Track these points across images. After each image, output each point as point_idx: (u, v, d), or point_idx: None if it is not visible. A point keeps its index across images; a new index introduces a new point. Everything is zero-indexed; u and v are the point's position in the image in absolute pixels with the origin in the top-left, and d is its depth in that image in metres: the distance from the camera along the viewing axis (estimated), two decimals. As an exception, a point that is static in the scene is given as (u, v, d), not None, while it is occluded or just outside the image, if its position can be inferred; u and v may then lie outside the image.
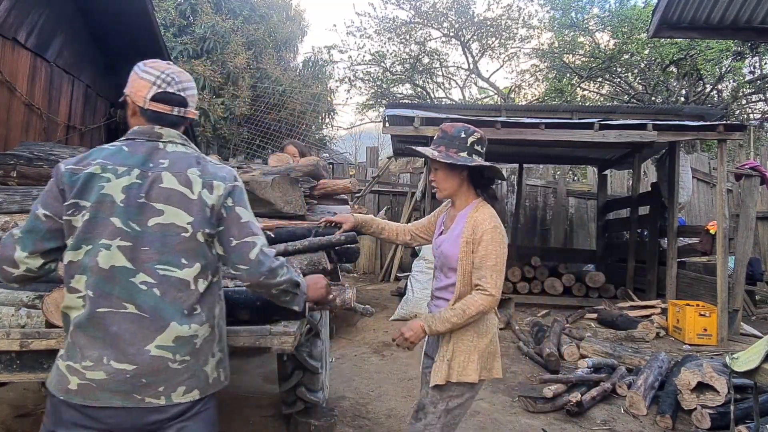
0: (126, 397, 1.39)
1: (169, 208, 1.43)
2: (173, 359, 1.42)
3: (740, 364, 2.45)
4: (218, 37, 10.31)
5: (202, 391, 1.47)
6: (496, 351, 2.08)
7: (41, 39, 5.00)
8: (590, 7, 14.02)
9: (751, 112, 13.36)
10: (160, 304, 1.42)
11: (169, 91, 1.52)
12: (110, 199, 1.41)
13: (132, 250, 1.41)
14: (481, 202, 2.09)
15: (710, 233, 6.25)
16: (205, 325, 1.48)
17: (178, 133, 1.56)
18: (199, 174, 1.48)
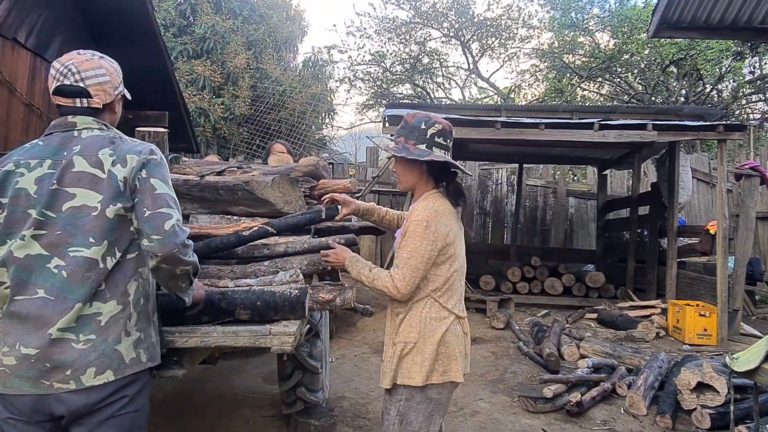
0: (35, 383, 1.39)
1: (80, 190, 1.45)
2: (76, 339, 1.41)
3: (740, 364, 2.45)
4: (218, 37, 10.31)
5: (117, 372, 1.44)
6: (451, 353, 1.89)
7: (41, 39, 5.01)
8: (590, 7, 14.03)
9: (751, 112, 13.36)
10: (66, 285, 1.42)
11: (65, 84, 1.53)
12: (25, 192, 1.44)
13: (47, 236, 1.43)
14: (432, 194, 1.98)
15: (710, 233, 6.25)
16: (111, 302, 1.46)
17: (94, 119, 1.56)
18: (110, 153, 1.48)
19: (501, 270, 8.07)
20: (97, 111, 1.57)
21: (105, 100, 1.57)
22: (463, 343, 1.97)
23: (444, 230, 1.89)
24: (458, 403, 3.88)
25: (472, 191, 10.29)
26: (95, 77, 1.55)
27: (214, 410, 3.55)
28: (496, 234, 10.22)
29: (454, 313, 1.94)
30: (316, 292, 2.17)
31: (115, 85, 1.61)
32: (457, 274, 1.96)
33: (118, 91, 1.63)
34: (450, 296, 1.94)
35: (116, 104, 1.65)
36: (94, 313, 1.44)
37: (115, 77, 1.61)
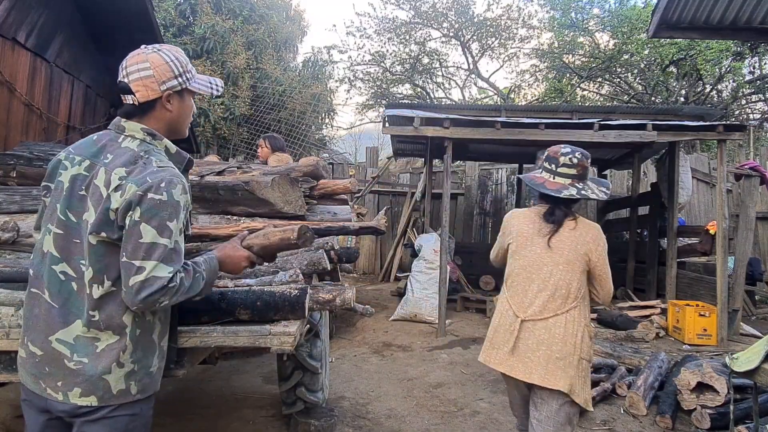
0: (34, 381, 1.42)
1: (90, 205, 1.40)
2: (69, 357, 1.38)
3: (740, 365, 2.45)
4: (218, 37, 10.31)
5: (101, 400, 1.39)
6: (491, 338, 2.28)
7: (41, 39, 5.00)
8: (590, 7, 14.02)
9: (751, 112, 13.36)
10: (72, 298, 1.40)
11: (119, 80, 1.48)
12: (61, 186, 1.44)
13: (63, 239, 1.41)
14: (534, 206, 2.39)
15: (710, 233, 6.25)
16: (107, 332, 1.39)
17: (142, 128, 1.47)
18: (123, 174, 1.38)
19: (501, 270, 8.05)
20: (139, 108, 1.47)
21: (147, 97, 1.45)
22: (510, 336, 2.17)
23: (510, 226, 2.34)
24: (458, 403, 3.88)
25: (472, 191, 10.29)
26: (137, 71, 1.45)
27: (214, 410, 3.55)
28: (496, 234, 10.21)
29: (511, 305, 2.23)
30: (316, 292, 2.17)
31: (161, 79, 1.46)
32: (517, 274, 2.26)
33: (167, 86, 1.47)
34: (512, 291, 2.26)
35: (168, 101, 1.49)
36: (92, 338, 1.39)
37: (164, 71, 1.46)
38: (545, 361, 2.08)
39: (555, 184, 2.21)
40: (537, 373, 2.08)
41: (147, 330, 1.46)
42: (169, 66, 1.48)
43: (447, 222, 6.01)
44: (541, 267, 2.19)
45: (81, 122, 5.80)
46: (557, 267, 2.17)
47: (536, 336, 2.11)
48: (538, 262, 2.20)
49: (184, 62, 1.53)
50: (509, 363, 2.14)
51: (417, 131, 5.87)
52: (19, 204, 2.58)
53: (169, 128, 1.55)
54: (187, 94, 1.56)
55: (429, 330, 5.91)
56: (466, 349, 5.25)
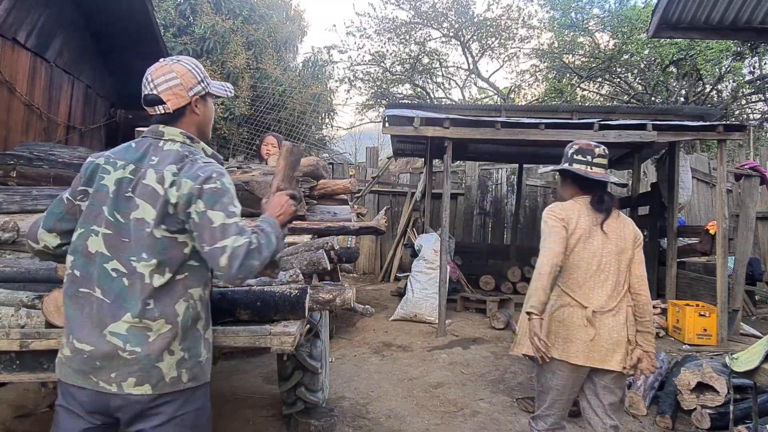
0: (84, 378, 1.45)
1: (143, 203, 1.48)
2: (123, 348, 1.44)
3: (740, 365, 2.45)
4: (218, 37, 10.31)
5: (155, 388, 1.45)
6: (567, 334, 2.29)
7: (41, 39, 5.00)
8: (590, 7, 14.01)
9: (751, 112, 13.35)
10: (123, 293, 1.46)
11: (145, 94, 1.58)
12: (105, 189, 1.51)
13: (112, 238, 1.48)
14: (574, 199, 2.39)
15: (710, 233, 6.25)
16: (160, 321, 1.46)
17: (180, 132, 1.59)
18: (174, 171, 1.49)
19: (501, 270, 8.06)
20: (172, 116, 1.59)
21: (178, 104, 1.58)
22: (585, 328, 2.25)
23: (567, 220, 2.30)
24: (458, 403, 3.88)
25: (472, 191, 10.29)
26: (165, 82, 1.56)
27: (214, 410, 3.53)
28: (496, 234, 10.22)
29: (576, 300, 2.29)
30: (316, 292, 2.17)
31: (188, 86, 1.59)
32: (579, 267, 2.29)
33: (194, 92, 1.60)
34: (575, 285, 2.30)
35: (195, 106, 1.62)
36: (144, 328, 1.45)
37: (189, 78, 1.59)
38: (616, 346, 2.25)
39: (597, 173, 2.34)
40: (614, 359, 2.25)
41: (194, 320, 1.54)
42: (192, 73, 1.61)
43: (447, 222, 6.01)
44: (601, 258, 2.30)
45: (81, 122, 5.80)
46: (613, 256, 2.30)
47: (608, 325, 2.26)
48: (598, 253, 2.30)
49: (202, 69, 1.67)
50: (585, 353, 2.24)
51: (417, 131, 5.87)
52: (19, 204, 2.58)
53: (199, 131, 1.66)
54: (208, 98, 1.69)
55: (429, 330, 5.91)
56: (466, 349, 5.25)
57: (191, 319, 1.52)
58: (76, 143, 5.53)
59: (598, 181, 2.34)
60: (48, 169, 2.94)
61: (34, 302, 1.94)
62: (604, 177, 2.35)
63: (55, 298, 1.83)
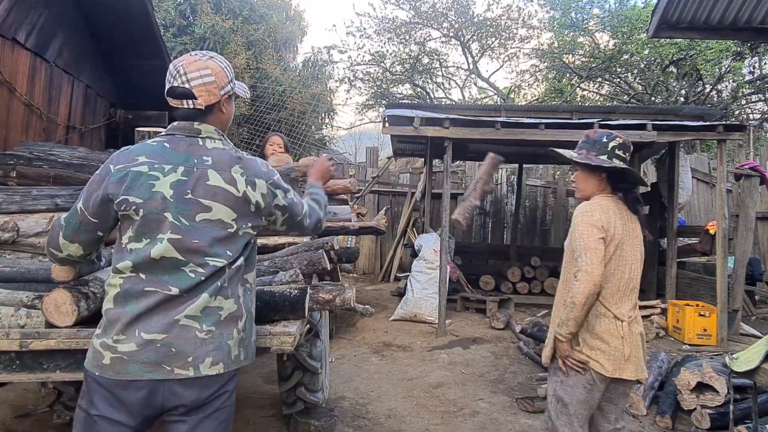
0: (155, 368, 1.44)
1: (216, 205, 1.52)
2: (200, 329, 1.48)
3: (740, 365, 2.45)
4: (218, 37, 10.31)
5: (226, 365, 1.52)
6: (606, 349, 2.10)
7: (41, 39, 5.00)
8: (590, 7, 14.01)
9: (751, 112, 13.35)
10: (200, 285, 1.50)
11: (174, 85, 1.56)
12: (161, 195, 1.49)
13: (182, 242, 1.49)
14: (602, 196, 2.17)
15: (710, 233, 6.25)
16: (230, 300, 1.54)
17: (215, 129, 1.61)
18: (242, 172, 1.56)
19: (501, 270, 8.07)
20: (202, 112, 1.58)
21: (209, 101, 1.57)
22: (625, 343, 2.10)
23: (606, 224, 2.07)
24: (458, 403, 3.88)
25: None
26: (200, 78, 1.55)
27: (214, 410, 3.54)
28: (496, 234, 10.22)
29: (612, 311, 2.10)
30: (316, 292, 2.17)
31: (221, 84, 1.59)
32: (615, 275, 2.11)
33: (224, 91, 1.61)
34: (607, 293, 2.11)
35: (224, 104, 1.63)
36: (216, 307, 1.51)
37: (222, 77, 1.60)
38: (643, 353, 2.18)
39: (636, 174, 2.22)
40: (641, 368, 2.17)
41: (250, 299, 1.65)
42: (225, 72, 1.62)
43: (447, 222, 6.02)
44: (632, 262, 2.16)
45: (81, 122, 5.80)
46: (638, 259, 2.18)
47: (636, 332, 2.17)
48: (631, 257, 2.16)
49: (232, 68, 1.68)
50: (622, 366, 2.11)
51: (417, 131, 5.87)
52: (19, 204, 2.58)
53: (222, 128, 1.68)
54: (233, 98, 1.71)
55: (429, 330, 5.91)
56: (466, 349, 5.25)
57: (250, 301, 1.64)
58: (76, 143, 5.53)
59: (633, 180, 2.18)
60: (48, 169, 2.93)
61: (34, 302, 1.94)
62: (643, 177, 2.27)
63: (55, 298, 1.82)
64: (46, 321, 1.85)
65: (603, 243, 2.05)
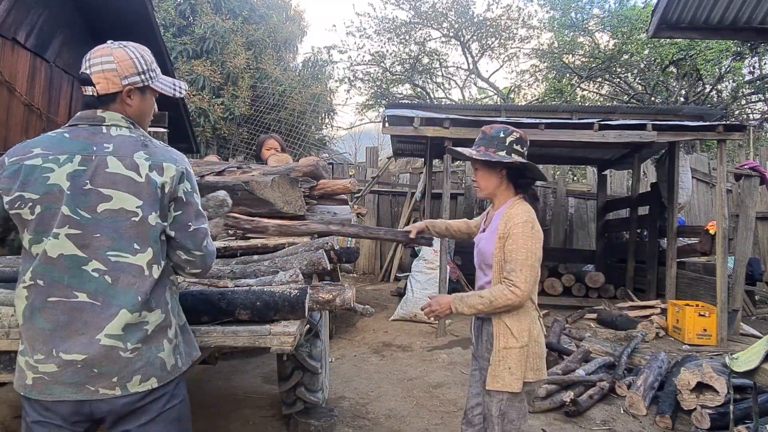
0: (79, 389, 1.37)
1: (117, 193, 1.41)
2: (124, 348, 1.39)
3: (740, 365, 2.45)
4: (218, 37, 10.31)
5: (160, 379, 1.45)
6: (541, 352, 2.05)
7: (41, 39, 5.00)
8: (590, 7, 14.02)
9: (751, 113, 13.35)
10: (111, 290, 1.39)
11: (81, 71, 1.49)
12: (57, 188, 1.38)
13: (82, 237, 1.39)
14: (518, 200, 2.11)
15: (710, 233, 6.25)
16: (156, 311, 1.45)
17: (122, 116, 1.50)
18: (146, 157, 1.45)
19: (501, 270, 8.05)
20: (102, 100, 1.48)
21: (107, 89, 1.47)
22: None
23: (540, 231, 2.03)
24: (458, 403, 3.88)
25: (472, 191, 10.28)
26: (99, 64, 1.47)
27: (214, 410, 3.55)
28: (496, 234, 10.21)
29: (538, 310, 2.11)
30: (316, 292, 2.17)
31: (124, 74, 1.48)
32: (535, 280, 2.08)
33: (128, 81, 1.49)
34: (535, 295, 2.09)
35: (128, 95, 1.51)
36: (141, 322, 1.42)
37: (127, 66, 1.48)
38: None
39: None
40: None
41: (177, 304, 1.57)
42: (133, 62, 1.51)
43: (447, 222, 6.01)
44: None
45: (81, 122, 5.80)
46: None
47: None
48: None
49: (149, 61, 1.56)
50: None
51: (417, 131, 5.87)
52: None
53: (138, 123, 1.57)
54: (149, 93, 1.58)
55: (429, 330, 5.91)
56: (466, 349, 5.25)
57: (177, 306, 1.56)
58: (75, 143, 5.53)
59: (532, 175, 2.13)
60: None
61: (34, 302, 1.94)
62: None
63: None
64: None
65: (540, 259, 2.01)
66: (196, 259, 1.54)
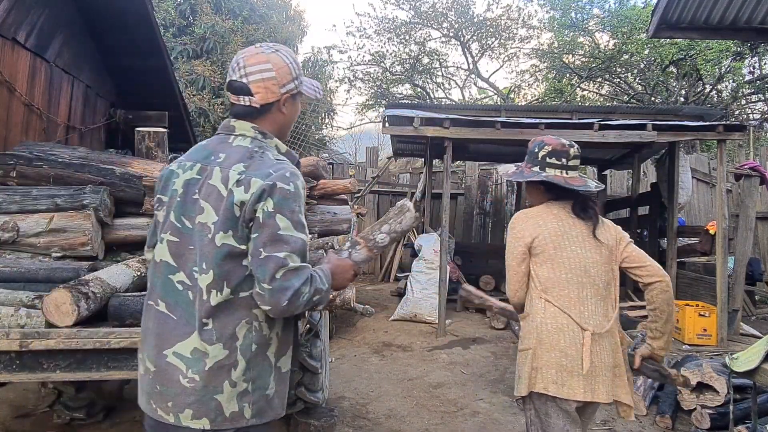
0: (147, 401, 1.35)
1: (207, 206, 1.32)
2: (184, 374, 1.29)
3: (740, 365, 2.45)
4: (218, 37, 10.31)
5: (213, 423, 1.29)
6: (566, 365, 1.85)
7: (41, 39, 5.00)
8: (590, 7, 14.02)
9: (751, 113, 13.35)
10: (190, 309, 1.31)
11: (233, 79, 1.41)
12: (175, 193, 1.38)
13: (178, 246, 1.34)
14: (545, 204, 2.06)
15: (710, 233, 6.25)
16: (217, 345, 1.29)
17: (252, 126, 1.42)
18: (241, 170, 1.32)
19: (501, 270, 8.01)
20: (257, 111, 1.42)
21: (267, 99, 1.40)
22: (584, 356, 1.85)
23: (533, 229, 1.96)
24: (458, 403, 3.88)
25: (472, 191, 10.28)
26: (258, 73, 1.38)
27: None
28: (496, 234, 10.21)
29: (576, 321, 1.88)
30: (316, 292, 2.16)
31: (282, 82, 1.41)
32: (561, 280, 1.93)
33: (286, 89, 1.43)
34: (563, 301, 1.91)
35: (284, 104, 1.45)
36: (203, 353, 1.29)
37: (285, 73, 1.42)
38: (616, 374, 1.92)
39: (574, 179, 2.02)
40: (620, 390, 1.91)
41: (262, 345, 1.34)
42: (289, 68, 1.44)
43: (447, 222, 6.02)
44: (588, 269, 1.95)
45: (81, 122, 5.80)
46: (603, 267, 1.97)
47: (607, 349, 1.90)
48: (584, 264, 1.95)
49: (299, 64, 1.49)
50: (590, 386, 1.84)
51: (417, 131, 5.87)
52: (19, 204, 2.58)
53: (279, 131, 1.49)
54: (298, 97, 1.52)
55: (429, 330, 5.91)
56: (466, 349, 5.25)
57: (256, 345, 1.33)
58: (76, 143, 5.53)
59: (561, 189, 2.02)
60: (48, 169, 2.93)
61: (34, 302, 1.94)
62: (585, 186, 2.00)
63: (55, 298, 1.83)
64: (46, 321, 1.86)
65: (526, 258, 1.97)
66: (264, 293, 1.27)
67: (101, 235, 2.66)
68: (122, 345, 1.81)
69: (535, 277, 1.97)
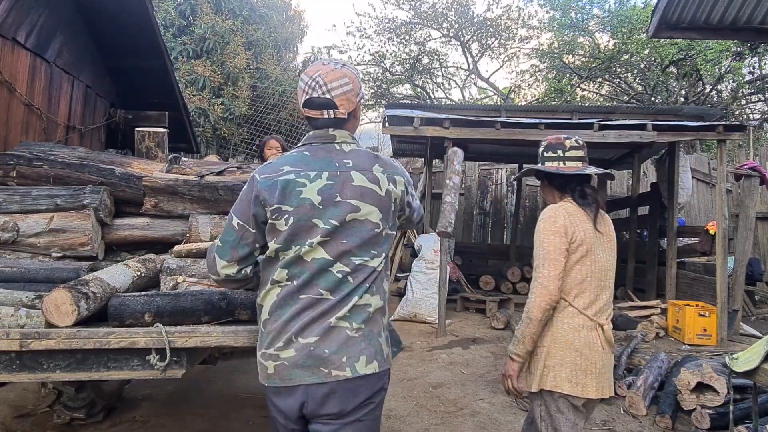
0: (315, 372, 1.49)
1: (364, 204, 1.55)
2: (350, 327, 1.51)
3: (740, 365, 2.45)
4: (218, 37, 10.31)
5: (380, 364, 1.55)
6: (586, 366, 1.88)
7: (41, 39, 5.00)
8: (590, 7, 14.03)
9: (751, 113, 13.35)
10: (348, 288, 1.53)
11: (313, 96, 1.58)
12: (309, 202, 1.53)
13: (331, 243, 1.53)
14: (567, 201, 2.02)
15: (710, 233, 6.25)
16: (376, 296, 1.57)
17: (348, 133, 1.64)
18: (382, 170, 1.60)
19: (501, 270, 8.06)
20: (343, 120, 1.62)
21: (349, 109, 1.61)
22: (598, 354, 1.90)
23: (572, 225, 1.92)
24: (458, 403, 3.88)
25: (472, 191, 10.29)
26: (340, 87, 1.58)
27: (215, 410, 3.55)
28: (496, 234, 10.22)
29: (594, 319, 1.91)
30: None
31: (357, 92, 1.64)
32: (590, 281, 1.93)
33: (359, 97, 1.66)
34: (585, 300, 1.92)
35: (358, 110, 1.69)
36: (365, 305, 1.54)
37: (357, 84, 1.64)
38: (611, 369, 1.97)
39: (570, 168, 2.03)
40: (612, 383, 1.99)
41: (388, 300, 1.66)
42: (358, 79, 1.66)
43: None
44: (607, 271, 1.98)
45: (81, 122, 5.79)
46: (612, 261, 2.01)
47: (610, 342, 1.95)
48: (605, 267, 1.97)
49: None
50: (600, 384, 1.90)
51: (417, 131, 5.87)
52: (19, 204, 2.58)
53: (355, 133, 1.72)
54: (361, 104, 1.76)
55: (429, 330, 5.91)
56: (466, 349, 5.25)
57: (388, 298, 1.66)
58: (76, 143, 5.52)
59: (575, 177, 2.02)
60: (48, 169, 2.93)
61: (34, 302, 1.94)
62: (578, 170, 2.01)
63: (55, 298, 1.82)
64: (46, 321, 1.85)
65: (565, 253, 1.90)
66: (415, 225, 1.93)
67: (101, 235, 2.66)
68: (122, 345, 1.81)
69: None
